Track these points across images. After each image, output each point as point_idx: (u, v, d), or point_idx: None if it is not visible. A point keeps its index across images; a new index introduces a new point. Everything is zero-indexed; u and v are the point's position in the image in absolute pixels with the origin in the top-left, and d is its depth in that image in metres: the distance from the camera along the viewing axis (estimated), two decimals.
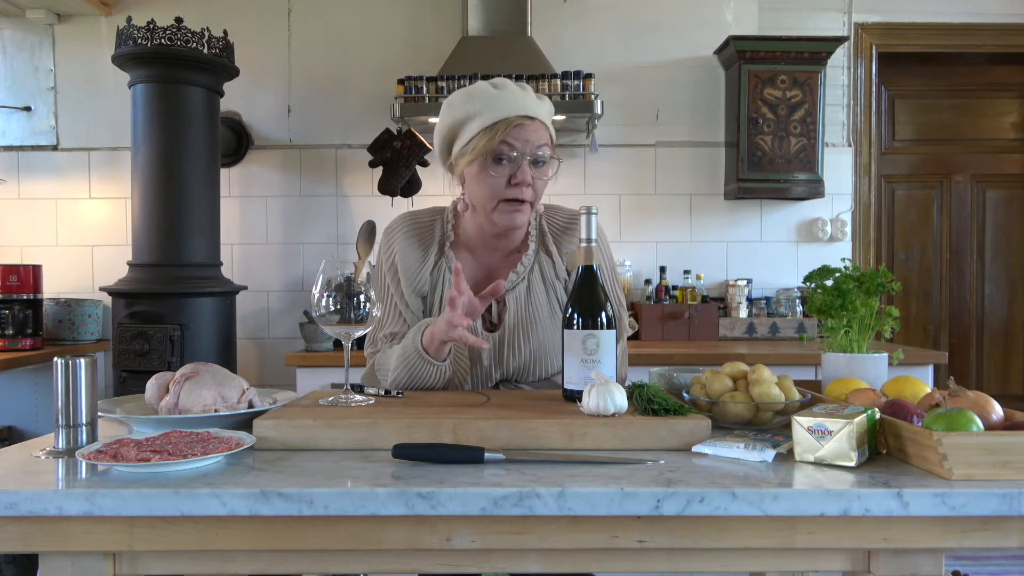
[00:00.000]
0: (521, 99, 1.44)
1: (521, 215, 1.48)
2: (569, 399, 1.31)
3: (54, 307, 3.24)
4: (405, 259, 1.57)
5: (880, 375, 1.37)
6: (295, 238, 3.49)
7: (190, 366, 1.28)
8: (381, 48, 3.47)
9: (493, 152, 1.43)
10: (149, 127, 2.85)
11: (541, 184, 1.48)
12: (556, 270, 1.58)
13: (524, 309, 1.53)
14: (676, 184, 3.51)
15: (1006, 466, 0.95)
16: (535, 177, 1.46)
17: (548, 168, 1.48)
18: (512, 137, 1.42)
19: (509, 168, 1.44)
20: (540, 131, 1.45)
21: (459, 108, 1.47)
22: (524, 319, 1.53)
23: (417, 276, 1.56)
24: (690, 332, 3.30)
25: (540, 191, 1.49)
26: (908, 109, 3.71)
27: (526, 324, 1.53)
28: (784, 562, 0.98)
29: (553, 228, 1.61)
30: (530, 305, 1.54)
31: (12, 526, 0.94)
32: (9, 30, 3.44)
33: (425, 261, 1.57)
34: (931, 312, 3.74)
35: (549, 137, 1.48)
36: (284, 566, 0.98)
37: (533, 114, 1.44)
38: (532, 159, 1.45)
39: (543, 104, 1.49)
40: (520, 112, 1.42)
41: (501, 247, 1.58)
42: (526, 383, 1.57)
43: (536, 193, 1.48)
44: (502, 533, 0.95)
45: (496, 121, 1.42)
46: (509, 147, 1.43)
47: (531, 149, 1.44)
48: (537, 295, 1.55)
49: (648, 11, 3.48)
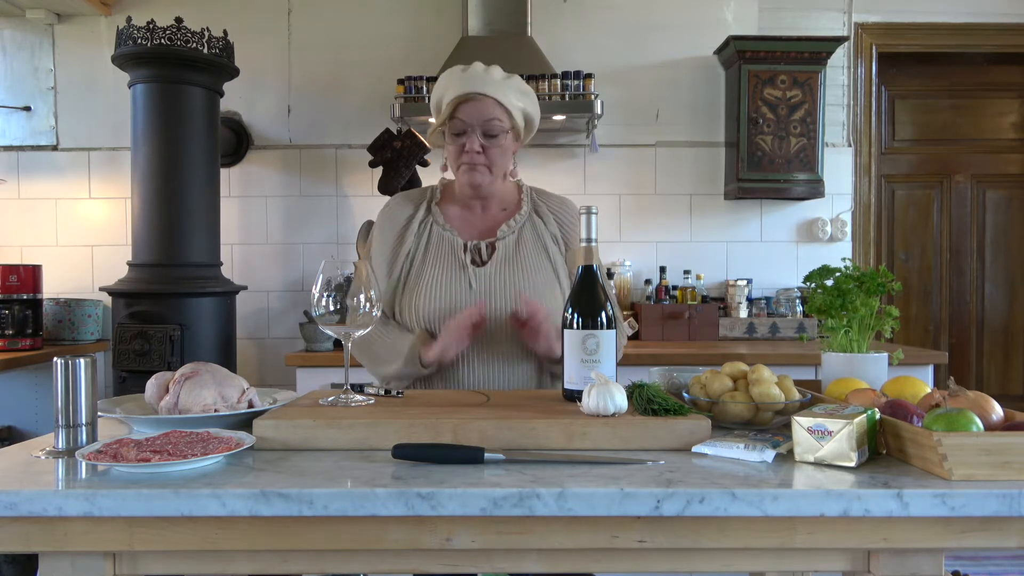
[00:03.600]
0: (479, 78, 1.62)
1: (477, 175, 1.65)
2: (569, 399, 1.31)
3: (54, 307, 3.24)
4: (394, 213, 1.75)
5: (880, 375, 1.37)
6: (295, 238, 3.49)
7: (190, 366, 1.28)
8: (381, 48, 3.47)
9: (449, 124, 1.64)
10: (149, 127, 2.84)
11: (495, 151, 1.65)
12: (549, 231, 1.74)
13: (512, 254, 1.69)
14: (676, 184, 3.51)
15: (1006, 466, 0.95)
16: (487, 146, 1.64)
17: (502, 139, 1.65)
18: (462, 112, 1.62)
19: (462, 139, 1.64)
20: (490, 107, 1.62)
21: (439, 87, 1.69)
22: (511, 260, 1.68)
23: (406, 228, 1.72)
24: (690, 332, 3.30)
25: (495, 157, 1.66)
26: (908, 109, 3.71)
27: (513, 265, 1.68)
28: (784, 562, 0.98)
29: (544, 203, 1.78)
30: (518, 252, 1.69)
31: (12, 526, 0.94)
32: (9, 30, 3.44)
33: (415, 215, 1.74)
34: (931, 312, 3.74)
35: (504, 112, 1.63)
36: (284, 566, 0.98)
37: (485, 92, 1.61)
38: (483, 131, 1.62)
39: (506, 84, 1.65)
40: (473, 89, 1.61)
41: (489, 206, 1.75)
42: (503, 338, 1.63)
43: (491, 159, 1.65)
44: (502, 533, 0.95)
45: (453, 97, 1.62)
46: (460, 121, 1.63)
47: (479, 122, 1.62)
48: (526, 245, 1.71)
49: (648, 11, 3.48)
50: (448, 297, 1.63)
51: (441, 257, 1.68)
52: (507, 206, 1.76)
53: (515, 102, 1.65)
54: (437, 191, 1.79)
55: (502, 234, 1.70)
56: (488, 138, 1.63)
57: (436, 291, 1.64)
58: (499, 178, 1.70)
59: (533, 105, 1.71)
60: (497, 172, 1.67)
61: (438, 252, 1.69)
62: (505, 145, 1.66)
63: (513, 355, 1.63)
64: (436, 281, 1.65)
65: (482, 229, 1.73)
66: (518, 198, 1.77)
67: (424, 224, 1.73)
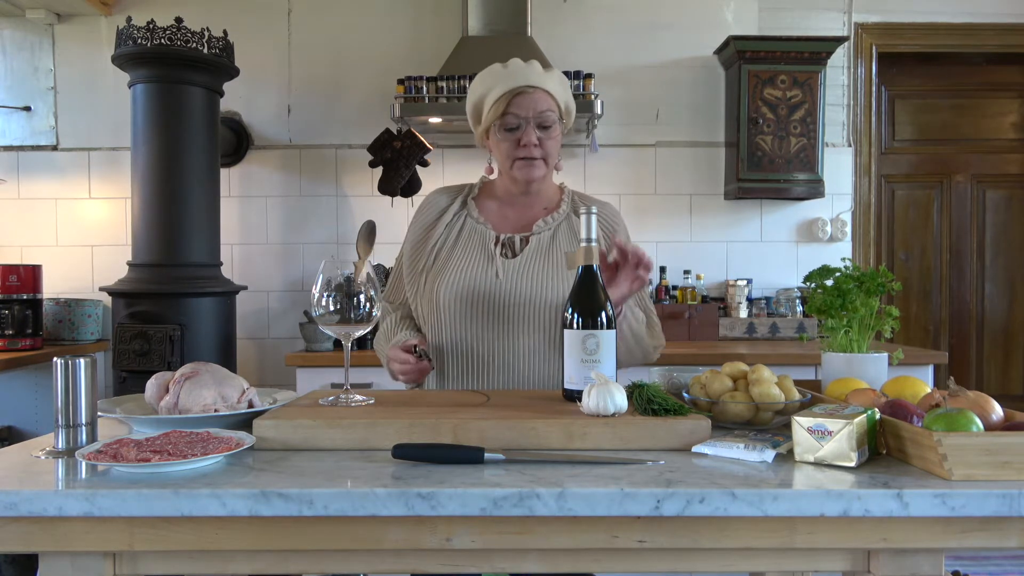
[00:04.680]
0: (523, 72, 1.62)
1: (535, 169, 1.65)
2: (569, 399, 1.31)
3: (54, 307, 3.24)
4: (428, 208, 1.75)
5: (880, 375, 1.36)
6: (295, 238, 3.49)
7: (190, 366, 1.28)
8: (381, 48, 3.47)
9: (502, 120, 1.62)
10: (149, 127, 2.84)
11: (551, 143, 1.65)
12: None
13: (546, 249, 1.68)
14: (676, 184, 3.51)
15: (1006, 466, 0.95)
16: (543, 138, 1.63)
17: (555, 129, 1.65)
18: (515, 106, 1.61)
19: (517, 133, 1.63)
20: (542, 98, 1.62)
21: (478, 87, 1.67)
22: (544, 255, 1.67)
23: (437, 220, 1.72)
24: (690, 332, 3.30)
25: (551, 149, 1.66)
26: (908, 109, 3.71)
27: (545, 259, 1.66)
28: (784, 562, 0.98)
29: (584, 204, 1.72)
30: (551, 249, 1.68)
31: (12, 526, 0.94)
32: (9, 30, 3.44)
33: (449, 207, 1.74)
34: (931, 312, 3.74)
35: (554, 102, 1.64)
36: (284, 566, 0.98)
37: (535, 84, 1.61)
38: (537, 123, 1.62)
39: (549, 75, 1.65)
40: (522, 83, 1.61)
41: (529, 203, 1.74)
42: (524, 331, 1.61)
43: (546, 151, 1.65)
44: (502, 533, 0.95)
45: (503, 93, 1.61)
46: (514, 116, 1.61)
47: (534, 114, 1.61)
48: (560, 243, 1.69)
49: (648, 11, 3.48)
50: (472, 284, 1.61)
51: (471, 247, 1.67)
52: (548, 204, 1.75)
53: (559, 92, 1.66)
54: (476, 187, 1.79)
55: (538, 229, 1.69)
56: (543, 130, 1.63)
57: (460, 276, 1.62)
58: (551, 171, 1.71)
59: (570, 95, 1.71)
60: (551, 164, 1.68)
61: (468, 243, 1.68)
62: (557, 136, 1.66)
63: (539, 350, 1.60)
64: (461, 268, 1.63)
65: (518, 224, 1.72)
66: (559, 198, 1.76)
67: (457, 216, 1.72)
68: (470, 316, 1.60)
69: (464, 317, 1.61)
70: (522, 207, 1.73)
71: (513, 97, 1.60)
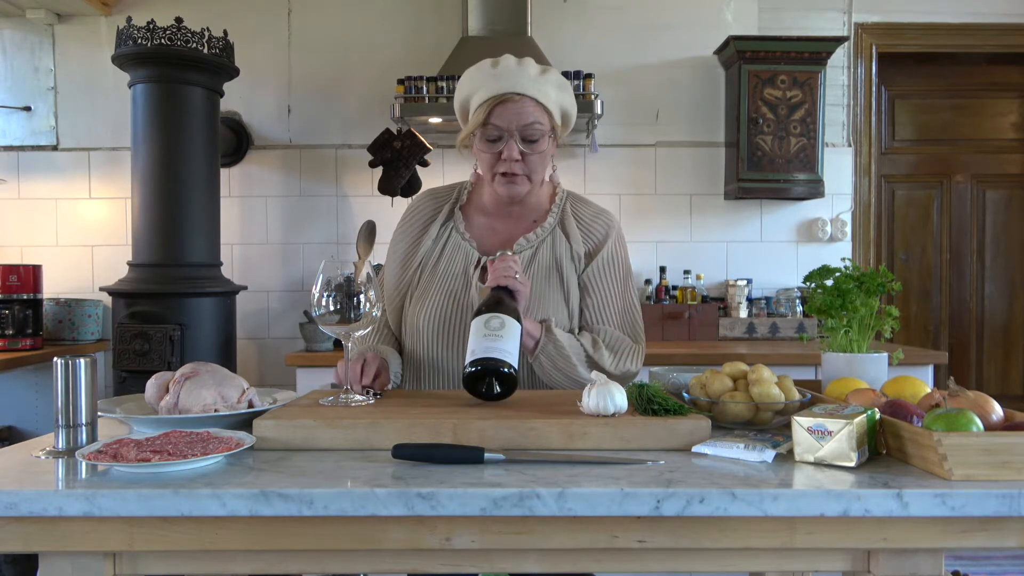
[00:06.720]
0: (512, 75, 1.47)
1: (516, 186, 1.52)
2: (468, 382, 1.29)
3: (54, 307, 3.24)
4: (417, 215, 1.65)
5: (880, 375, 1.36)
6: (295, 238, 3.49)
7: (190, 366, 1.28)
8: (381, 48, 3.47)
9: (483, 130, 1.49)
10: (149, 127, 2.84)
11: (535, 158, 1.51)
12: (572, 249, 1.60)
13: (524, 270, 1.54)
14: (676, 184, 3.51)
15: (1006, 466, 0.95)
16: (526, 153, 1.49)
17: (542, 143, 1.50)
18: (497, 116, 1.46)
19: (499, 145, 1.49)
20: (529, 108, 1.47)
21: (465, 86, 1.55)
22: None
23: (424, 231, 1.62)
24: (690, 332, 3.30)
25: (535, 165, 1.52)
26: (908, 109, 3.71)
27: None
28: (784, 562, 0.98)
29: (576, 215, 1.65)
30: (531, 268, 1.57)
31: (12, 526, 0.94)
32: (9, 30, 3.44)
33: (436, 217, 1.63)
34: (931, 312, 3.74)
35: (544, 113, 1.50)
36: (284, 566, 0.98)
37: (522, 91, 1.46)
38: (522, 136, 1.48)
39: (543, 79, 1.50)
40: (508, 89, 1.46)
41: (517, 215, 1.63)
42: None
43: (530, 167, 1.51)
44: (502, 533, 0.95)
45: (485, 99, 1.46)
46: (495, 127, 1.47)
47: (517, 126, 1.47)
48: (540, 264, 1.58)
49: (648, 11, 3.48)
50: (449, 311, 1.56)
51: (451, 269, 1.59)
52: (537, 215, 1.63)
53: (554, 98, 1.51)
54: (465, 192, 1.68)
55: (519, 248, 1.59)
56: (527, 144, 1.48)
57: (437, 302, 1.56)
58: (537, 185, 1.57)
59: (570, 98, 1.56)
60: (536, 180, 1.54)
61: (450, 263, 1.60)
62: (545, 150, 1.51)
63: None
64: (440, 291, 1.57)
65: (505, 238, 1.62)
66: (549, 207, 1.64)
67: (444, 228, 1.63)
68: (445, 342, 1.56)
69: (440, 341, 1.56)
70: (509, 218, 1.63)
71: (495, 105, 1.46)
